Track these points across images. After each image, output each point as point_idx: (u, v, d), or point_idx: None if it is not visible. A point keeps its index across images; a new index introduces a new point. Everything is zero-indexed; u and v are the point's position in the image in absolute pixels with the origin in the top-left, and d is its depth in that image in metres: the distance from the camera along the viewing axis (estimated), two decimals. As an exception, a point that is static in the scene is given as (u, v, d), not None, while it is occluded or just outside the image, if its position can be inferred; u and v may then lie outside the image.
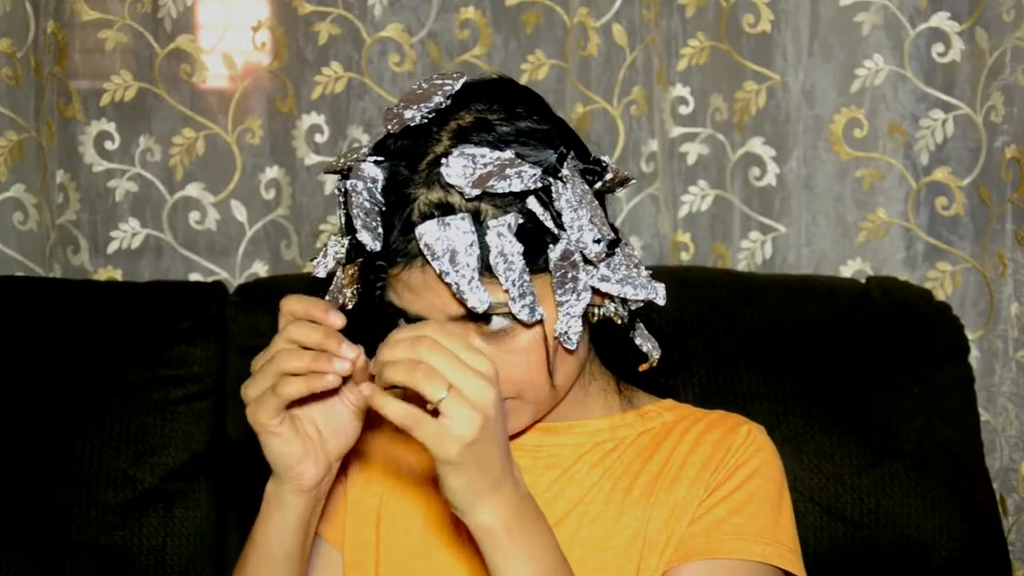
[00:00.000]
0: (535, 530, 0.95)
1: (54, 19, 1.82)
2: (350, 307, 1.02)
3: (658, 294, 1.02)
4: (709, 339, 1.59)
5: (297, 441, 0.98)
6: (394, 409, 0.89)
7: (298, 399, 0.96)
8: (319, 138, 1.87)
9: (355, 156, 1.01)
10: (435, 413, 0.89)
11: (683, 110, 1.89)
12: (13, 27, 1.81)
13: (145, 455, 1.55)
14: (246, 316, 1.64)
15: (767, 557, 1.03)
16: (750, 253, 1.89)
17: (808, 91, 1.85)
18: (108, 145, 1.87)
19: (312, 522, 1.03)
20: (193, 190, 1.88)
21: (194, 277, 1.89)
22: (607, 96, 1.86)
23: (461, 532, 1.10)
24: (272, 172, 1.89)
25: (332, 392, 0.98)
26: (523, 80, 1.86)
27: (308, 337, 0.94)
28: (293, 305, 0.96)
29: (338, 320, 0.94)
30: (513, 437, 1.06)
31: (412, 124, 0.99)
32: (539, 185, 0.95)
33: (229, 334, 1.63)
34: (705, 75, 1.88)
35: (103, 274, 1.88)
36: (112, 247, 1.88)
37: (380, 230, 0.96)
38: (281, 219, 1.89)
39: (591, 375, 1.11)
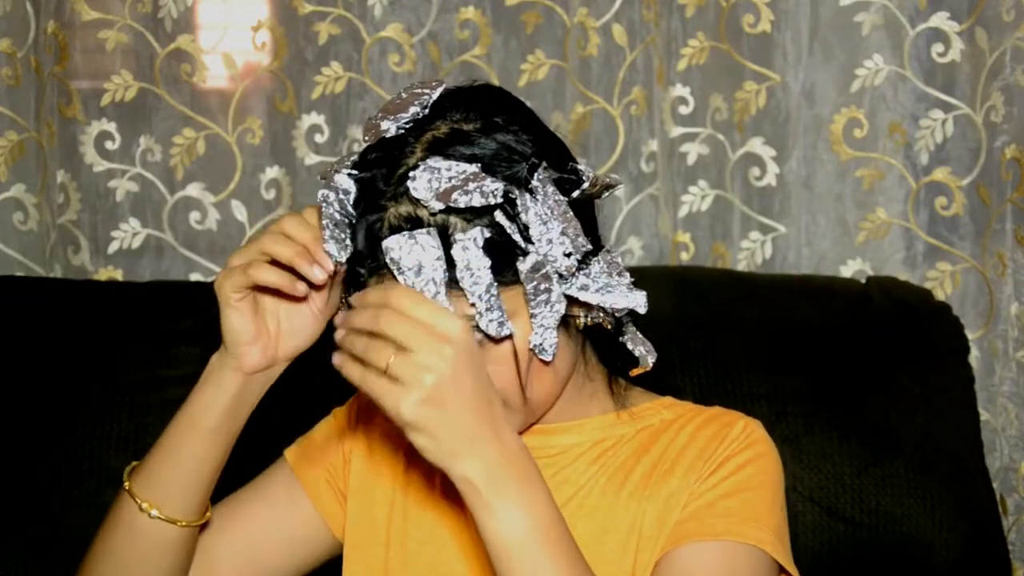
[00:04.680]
0: (523, 487, 0.92)
1: (54, 19, 1.82)
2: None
3: (639, 303, 1.01)
4: (709, 339, 1.59)
5: (253, 323, 1.01)
6: (352, 371, 0.91)
7: (268, 289, 1.00)
8: (319, 138, 1.87)
9: (338, 167, 1.01)
10: None
11: (683, 110, 1.89)
12: (13, 27, 1.82)
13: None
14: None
15: (760, 541, 1.02)
16: (750, 253, 1.89)
17: (808, 91, 1.85)
18: (108, 145, 1.87)
19: (242, 410, 1.05)
20: (193, 190, 1.88)
21: (194, 277, 1.89)
22: (607, 96, 1.86)
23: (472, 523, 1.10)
24: (272, 172, 1.89)
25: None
26: (523, 80, 1.86)
27: (298, 234, 0.98)
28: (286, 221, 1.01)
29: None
30: None
31: (387, 136, 0.99)
32: (500, 200, 0.95)
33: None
34: (705, 75, 1.88)
35: (103, 274, 1.89)
36: (112, 247, 1.89)
37: (348, 242, 0.97)
38: (281, 219, 1.89)
39: (587, 376, 1.11)
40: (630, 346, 1.07)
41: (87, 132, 1.86)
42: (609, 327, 1.04)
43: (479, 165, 0.96)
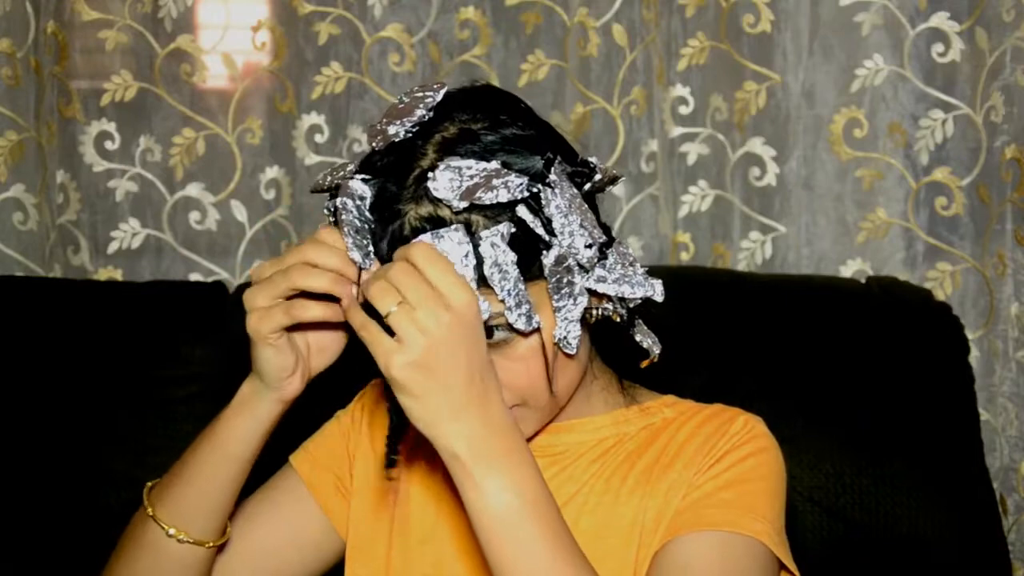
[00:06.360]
0: (510, 462, 0.91)
1: (54, 19, 1.82)
2: None
3: (655, 291, 1.02)
4: (709, 339, 1.59)
5: (292, 355, 1.00)
6: (355, 316, 0.90)
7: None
8: (319, 138, 1.87)
9: (341, 174, 1.00)
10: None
11: (683, 110, 1.89)
12: (13, 27, 1.82)
13: (145, 455, 1.55)
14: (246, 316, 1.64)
15: (757, 533, 1.01)
16: (750, 253, 1.89)
17: (808, 91, 1.85)
18: (108, 145, 1.87)
19: (270, 430, 1.04)
20: (193, 190, 1.88)
21: (194, 277, 1.89)
22: (607, 96, 1.86)
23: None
24: (272, 172, 1.89)
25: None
26: (523, 80, 1.86)
27: (326, 260, 0.94)
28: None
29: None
30: None
31: (396, 140, 0.98)
32: (526, 194, 0.95)
33: (229, 334, 1.62)
34: (705, 75, 1.88)
35: (103, 274, 1.89)
36: (112, 247, 1.89)
37: (370, 248, 0.96)
38: (281, 219, 1.89)
39: (593, 374, 1.11)
40: (638, 337, 1.07)
41: (87, 132, 1.86)
42: (620, 320, 1.04)
43: (499, 162, 0.96)
